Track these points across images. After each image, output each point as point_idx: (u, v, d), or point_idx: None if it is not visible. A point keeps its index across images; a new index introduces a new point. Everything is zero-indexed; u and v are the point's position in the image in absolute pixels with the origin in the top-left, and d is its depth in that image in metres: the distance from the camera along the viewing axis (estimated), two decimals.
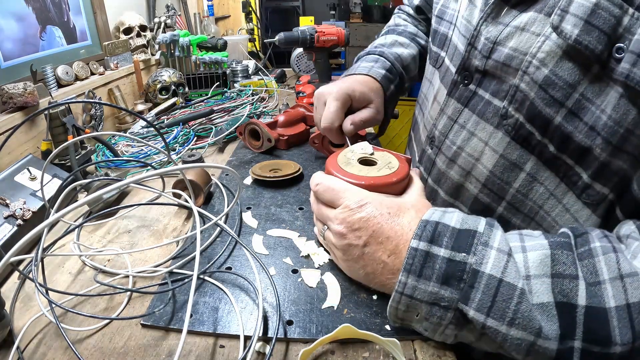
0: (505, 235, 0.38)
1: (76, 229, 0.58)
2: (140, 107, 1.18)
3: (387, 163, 0.50)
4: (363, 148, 0.53)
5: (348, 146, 0.57)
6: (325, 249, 0.52)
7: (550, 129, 0.43)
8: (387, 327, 0.41)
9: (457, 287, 0.36)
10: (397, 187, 0.48)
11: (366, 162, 0.51)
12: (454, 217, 0.40)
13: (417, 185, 0.50)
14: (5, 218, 0.56)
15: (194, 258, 0.44)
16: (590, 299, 0.33)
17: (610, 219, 0.43)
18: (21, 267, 0.52)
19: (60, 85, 0.99)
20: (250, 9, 1.89)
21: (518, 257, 0.36)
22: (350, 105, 0.65)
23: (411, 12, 0.91)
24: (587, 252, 0.36)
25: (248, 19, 1.92)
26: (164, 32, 1.46)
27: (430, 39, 0.69)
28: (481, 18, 0.49)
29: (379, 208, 0.43)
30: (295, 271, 0.50)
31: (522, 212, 0.48)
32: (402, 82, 0.78)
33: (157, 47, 1.45)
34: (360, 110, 0.66)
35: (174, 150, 0.86)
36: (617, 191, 0.41)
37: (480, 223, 0.39)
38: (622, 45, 0.37)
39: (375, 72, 0.72)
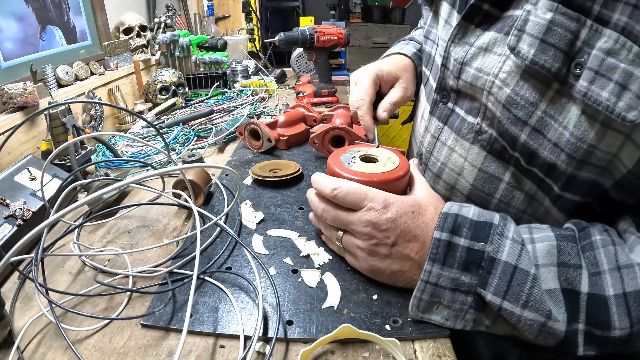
0: (518, 227, 0.41)
1: (76, 229, 0.58)
2: (140, 107, 1.18)
3: (388, 157, 0.51)
4: (379, 150, 0.54)
5: (374, 140, 0.58)
6: (326, 251, 0.53)
7: (518, 146, 0.43)
8: (387, 327, 0.41)
9: (476, 273, 0.39)
10: (404, 180, 0.49)
11: (367, 159, 0.52)
12: (470, 210, 0.42)
13: (420, 179, 0.51)
14: (5, 218, 0.56)
15: (194, 258, 0.44)
16: (592, 287, 0.37)
17: (588, 215, 0.44)
18: (21, 267, 0.52)
19: (60, 85, 0.99)
20: (250, 9, 1.89)
21: (528, 247, 0.39)
22: (379, 86, 0.67)
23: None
24: (588, 244, 0.39)
25: (248, 19, 1.92)
26: (164, 32, 1.46)
27: (423, 60, 0.70)
28: (449, 39, 0.50)
29: (403, 207, 0.44)
30: (295, 271, 0.50)
31: None
32: None
33: (157, 47, 1.45)
34: (389, 91, 0.67)
35: (174, 150, 0.86)
36: (590, 197, 0.43)
37: (494, 217, 0.42)
38: (581, 60, 0.36)
39: (406, 50, 0.73)
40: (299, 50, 1.51)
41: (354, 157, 0.51)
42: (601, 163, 0.39)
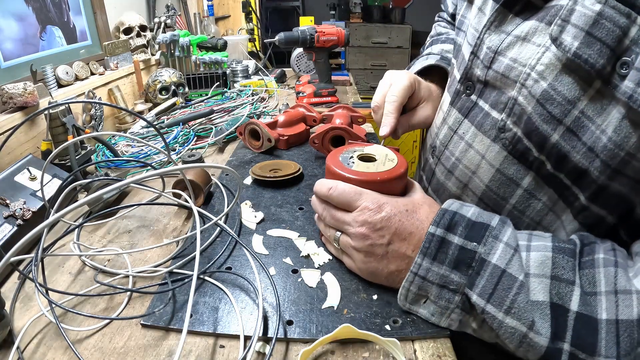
0: (516, 232, 0.40)
1: (76, 229, 0.58)
2: (140, 107, 1.18)
3: (385, 155, 0.51)
4: (376, 148, 0.53)
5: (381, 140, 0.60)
6: (326, 251, 0.53)
7: (547, 147, 0.41)
8: (387, 327, 0.41)
9: (466, 273, 0.38)
10: (405, 177, 0.49)
11: (366, 158, 0.51)
12: (470, 210, 0.41)
13: (415, 183, 0.50)
14: (5, 218, 0.56)
15: (194, 258, 0.44)
16: (582, 306, 0.35)
17: (611, 239, 0.41)
18: (21, 267, 0.52)
19: (60, 85, 0.99)
20: (250, 9, 1.89)
21: (523, 254, 0.38)
22: (411, 96, 0.64)
23: (449, 18, 0.88)
24: (589, 261, 0.37)
25: (248, 19, 1.91)
26: (164, 32, 1.46)
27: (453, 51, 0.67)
28: (484, 26, 0.47)
29: (396, 206, 0.44)
30: (295, 271, 0.50)
31: (518, 229, 0.46)
32: None
33: (157, 47, 1.45)
34: (412, 110, 0.65)
35: (174, 150, 0.86)
36: (617, 214, 0.40)
37: (493, 219, 0.41)
38: (627, 59, 0.34)
39: (440, 64, 0.70)
40: (299, 50, 1.51)
41: (352, 157, 0.51)
42: (637, 175, 0.37)
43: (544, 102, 0.40)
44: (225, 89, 1.26)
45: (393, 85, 0.62)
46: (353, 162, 0.50)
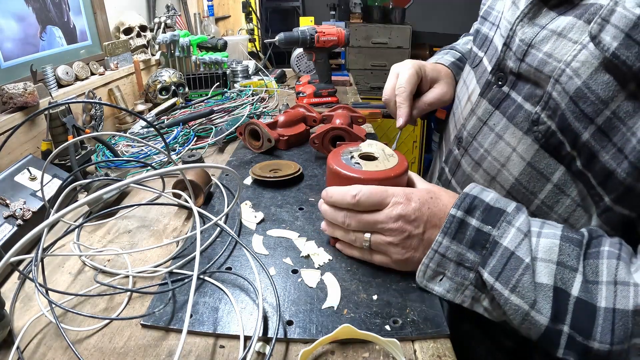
0: (530, 219, 0.42)
1: (76, 229, 0.58)
2: (140, 107, 1.18)
3: (383, 151, 0.52)
4: (370, 144, 0.54)
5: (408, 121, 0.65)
6: (326, 250, 0.52)
7: (579, 144, 0.41)
8: (387, 327, 0.41)
9: (480, 253, 0.41)
10: (407, 173, 0.50)
11: (367, 157, 0.52)
12: (489, 195, 0.43)
13: (415, 175, 0.52)
14: (5, 218, 0.56)
15: (194, 258, 0.44)
16: (583, 292, 0.37)
17: (629, 235, 0.42)
18: (21, 267, 0.52)
19: (60, 85, 0.99)
20: (250, 9, 1.89)
21: (533, 239, 0.40)
22: (420, 82, 0.67)
23: None
24: (595, 253, 0.39)
25: (248, 19, 1.91)
26: (164, 32, 1.45)
27: (472, 39, 0.67)
28: (517, 17, 0.48)
29: (423, 196, 0.45)
30: (295, 271, 0.50)
31: None
32: None
33: (157, 47, 1.45)
34: (427, 91, 0.68)
35: (174, 150, 0.86)
36: (638, 211, 0.41)
37: (510, 205, 0.43)
38: None
39: (444, 60, 0.74)
40: (299, 50, 1.51)
41: (353, 157, 0.51)
42: None
43: (577, 100, 0.40)
44: (225, 89, 1.26)
45: (400, 75, 0.66)
46: (358, 163, 0.50)
